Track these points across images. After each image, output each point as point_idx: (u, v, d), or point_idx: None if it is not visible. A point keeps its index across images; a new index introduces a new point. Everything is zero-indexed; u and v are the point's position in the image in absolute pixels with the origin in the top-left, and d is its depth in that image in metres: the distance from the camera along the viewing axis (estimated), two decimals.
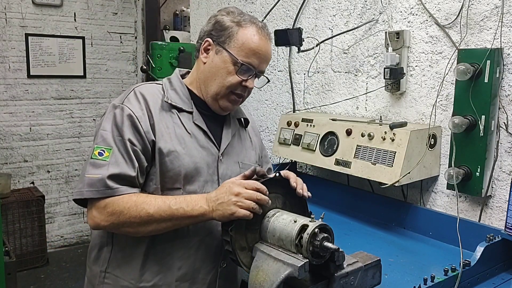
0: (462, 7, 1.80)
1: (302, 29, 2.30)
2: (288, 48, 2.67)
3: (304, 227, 1.09)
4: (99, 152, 1.23)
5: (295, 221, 1.12)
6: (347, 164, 1.95)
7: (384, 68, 1.99)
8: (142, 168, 1.26)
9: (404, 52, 2.02)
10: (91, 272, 1.38)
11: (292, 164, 2.56)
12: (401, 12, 2.06)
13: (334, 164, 2.00)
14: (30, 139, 4.21)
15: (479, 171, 1.73)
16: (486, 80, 1.68)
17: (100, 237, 1.35)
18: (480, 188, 1.74)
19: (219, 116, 1.42)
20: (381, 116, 2.05)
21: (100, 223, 1.21)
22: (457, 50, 1.81)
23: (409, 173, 1.76)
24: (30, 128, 4.20)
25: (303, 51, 2.37)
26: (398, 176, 1.74)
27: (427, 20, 1.96)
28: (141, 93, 1.32)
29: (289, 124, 2.30)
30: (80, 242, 4.51)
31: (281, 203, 1.26)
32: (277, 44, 2.34)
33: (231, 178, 1.23)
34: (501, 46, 1.69)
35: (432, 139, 1.85)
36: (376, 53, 2.20)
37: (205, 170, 1.33)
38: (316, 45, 2.42)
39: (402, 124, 1.83)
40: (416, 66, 2.01)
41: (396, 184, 1.75)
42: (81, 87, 4.41)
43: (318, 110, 2.55)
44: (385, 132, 1.83)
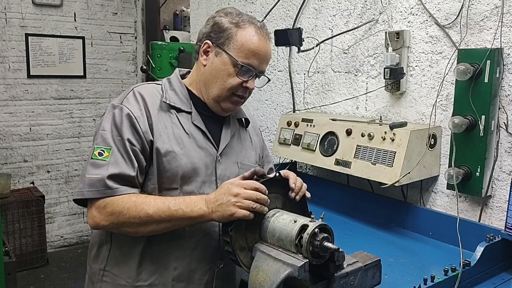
0: (462, 7, 1.80)
1: (302, 29, 2.30)
2: (288, 48, 2.67)
3: (304, 227, 1.09)
4: (99, 152, 1.23)
5: (295, 221, 1.12)
6: (347, 164, 1.95)
7: (384, 68, 1.99)
8: (141, 168, 1.26)
9: (404, 52, 2.02)
10: (91, 270, 1.39)
11: (292, 164, 2.56)
12: (401, 12, 2.06)
13: (334, 164, 2.00)
14: (30, 139, 4.21)
15: (479, 171, 1.73)
16: (486, 80, 1.68)
17: (100, 235, 1.36)
18: (480, 188, 1.74)
19: (218, 117, 1.42)
20: (381, 116, 2.05)
21: (100, 222, 1.22)
22: (457, 50, 1.81)
23: (409, 173, 1.76)
24: (30, 128, 4.20)
25: (303, 51, 2.37)
26: (398, 176, 1.74)
27: (427, 20, 1.96)
28: (140, 93, 1.32)
29: (289, 124, 2.30)
30: (80, 242, 4.51)
31: (281, 203, 1.26)
32: (277, 44, 2.34)
33: (230, 179, 1.23)
34: (501, 46, 1.69)
35: (432, 139, 1.85)
36: (376, 53, 2.20)
37: (203, 171, 1.32)
38: (316, 45, 2.42)
39: (402, 124, 1.83)
40: (416, 66, 2.01)
41: (396, 184, 1.75)
42: (81, 87, 4.41)
43: (318, 110, 2.55)
44: (385, 132, 1.83)
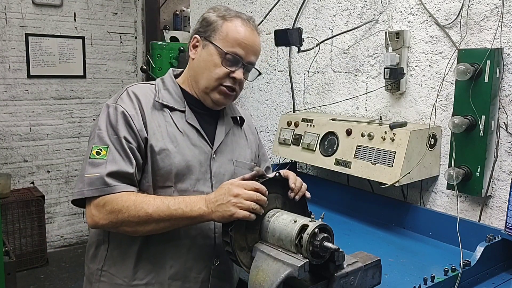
0: (462, 7, 1.80)
1: (302, 29, 2.30)
2: (288, 48, 2.67)
3: (304, 227, 1.09)
4: (96, 151, 1.24)
5: (295, 221, 1.12)
6: (347, 164, 1.94)
7: (384, 68, 1.99)
8: (138, 165, 1.27)
9: (404, 52, 2.02)
10: (89, 270, 1.38)
11: (292, 164, 2.56)
12: (401, 12, 2.06)
13: (334, 164, 2.00)
14: (30, 139, 4.21)
15: (479, 171, 1.73)
16: (486, 80, 1.68)
17: (97, 235, 1.36)
18: (480, 188, 1.74)
19: (213, 115, 1.43)
20: (381, 116, 2.05)
21: (99, 221, 1.21)
22: (457, 50, 1.80)
23: (409, 173, 1.76)
24: (30, 128, 4.20)
25: (303, 51, 2.37)
26: (398, 176, 1.74)
27: (427, 20, 1.96)
28: (133, 92, 1.34)
29: (289, 124, 2.30)
30: (79, 242, 4.51)
31: (281, 203, 1.26)
32: (277, 44, 2.34)
33: (230, 180, 1.23)
34: (501, 46, 1.69)
35: (432, 139, 1.85)
36: (376, 53, 2.20)
37: (196, 169, 1.33)
38: (316, 45, 2.42)
39: (402, 124, 1.83)
40: (416, 66, 2.01)
41: (396, 184, 1.75)
42: (81, 87, 4.41)
43: (318, 110, 2.55)
44: (385, 132, 1.83)
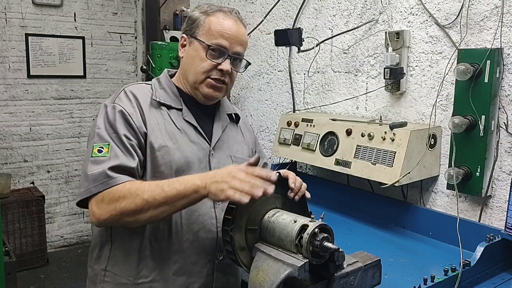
0: (462, 7, 1.80)
1: (302, 29, 2.30)
2: (288, 48, 2.67)
3: (304, 227, 1.09)
4: (98, 150, 1.24)
5: (295, 221, 1.12)
6: (347, 164, 1.95)
7: (384, 68, 1.99)
8: (140, 161, 1.27)
9: (404, 52, 2.02)
10: (93, 272, 1.38)
11: (292, 164, 2.56)
12: (401, 12, 2.06)
13: (334, 164, 2.00)
14: (30, 139, 4.21)
15: (479, 171, 1.73)
16: (486, 80, 1.68)
17: (100, 235, 1.36)
18: (480, 188, 1.74)
19: (209, 112, 1.45)
20: (381, 116, 2.05)
21: (101, 217, 1.20)
22: (457, 50, 1.81)
23: (409, 173, 1.76)
24: (30, 128, 4.20)
25: (303, 51, 2.37)
26: (398, 176, 1.74)
27: (427, 20, 1.96)
28: (131, 91, 1.35)
29: (289, 124, 2.30)
30: (80, 242, 4.51)
31: (281, 203, 1.26)
32: (277, 44, 2.34)
33: (236, 165, 1.20)
34: (501, 46, 1.69)
35: (432, 139, 1.85)
36: (376, 53, 2.20)
37: (196, 165, 1.34)
38: (316, 45, 2.42)
39: (402, 124, 1.83)
40: (416, 66, 2.01)
41: (396, 184, 1.75)
42: (81, 87, 4.41)
43: (318, 110, 2.55)
44: (385, 132, 1.83)
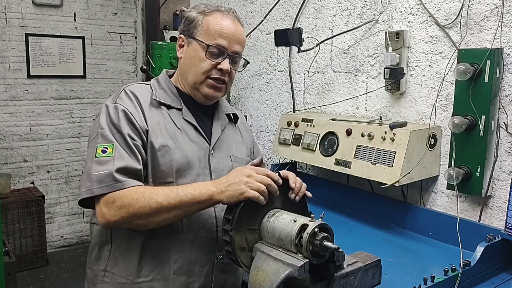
0: (462, 7, 1.80)
1: (302, 29, 2.30)
2: (288, 48, 2.67)
3: (304, 227, 1.09)
4: (102, 150, 1.24)
5: (295, 221, 1.12)
6: (347, 164, 1.94)
7: (384, 68, 1.99)
8: (144, 162, 1.28)
9: (404, 52, 2.02)
10: (92, 272, 1.38)
11: (292, 164, 2.56)
12: (401, 12, 2.06)
13: (334, 164, 2.00)
14: (30, 139, 4.21)
15: (479, 171, 1.73)
16: (486, 80, 1.68)
17: (100, 236, 1.36)
18: (480, 188, 1.74)
19: (208, 112, 1.46)
20: (381, 116, 2.05)
21: (111, 218, 1.20)
22: (457, 50, 1.80)
23: (409, 173, 1.76)
24: (30, 128, 4.20)
25: (303, 51, 2.37)
26: (398, 176, 1.74)
27: (427, 20, 1.96)
28: (131, 91, 1.36)
29: (289, 124, 2.30)
30: (80, 242, 4.51)
31: (280, 203, 1.26)
32: (277, 44, 2.34)
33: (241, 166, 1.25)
34: (501, 46, 1.69)
35: (432, 139, 1.85)
36: (376, 53, 2.20)
37: (196, 164, 1.35)
38: (316, 45, 2.42)
39: (402, 124, 1.83)
40: (416, 66, 2.01)
41: (396, 184, 1.75)
42: (81, 87, 4.41)
43: (318, 110, 2.55)
44: (385, 132, 1.83)
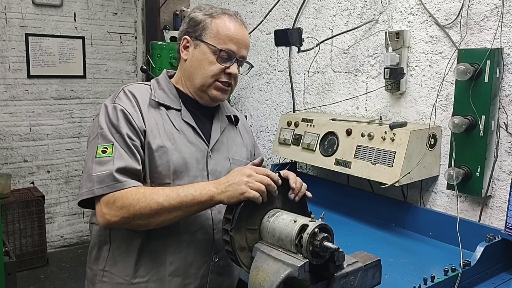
0: (462, 7, 1.80)
1: (302, 29, 2.30)
2: (288, 48, 2.67)
3: (304, 227, 1.09)
4: (102, 150, 1.24)
5: (295, 221, 1.12)
6: (347, 164, 1.94)
7: (384, 68, 1.99)
8: (143, 162, 1.28)
9: (404, 52, 2.02)
10: (92, 272, 1.38)
11: (292, 164, 2.56)
12: (401, 12, 2.06)
13: (334, 164, 2.00)
14: (30, 139, 4.21)
15: (479, 171, 1.73)
16: (486, 80, 1.68)
17: (99, 236, 1.36)
18: (480, 188, 1.74)
19: (208, 113, 1.45)
20: (381, 116, 2.05)
21: (111, 219, 1.20)
22: (457, 50, 1.80)
23: (409, 173, 1.76)
24: (30, 128, 4.20)
25: (303, 51, 2.37)
26: (398, 176, 1.74)
27: (427, 20, 1.96)
28: (130, 91, 1.35)
29: (289, 124, 2.30)
30: (80, 242, 4.51)
31: (281, 203, 1.26)
32: (277, 44, 2.34)
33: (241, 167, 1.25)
34: (501, 46, 1.69)
35: (432, 139, 1.85)
36: (376, 53, 2.20)
37: (194, 166, 1.34)
38: (316, 45, 2.42)
39: (402, 124, 1.83)
40: (416, 66, 2.01)
41: (396, 184, 1.75)
42: (81, 87, 4.41)
43: (318, 110, 2.55)
44: (385, 132, 1.83)
